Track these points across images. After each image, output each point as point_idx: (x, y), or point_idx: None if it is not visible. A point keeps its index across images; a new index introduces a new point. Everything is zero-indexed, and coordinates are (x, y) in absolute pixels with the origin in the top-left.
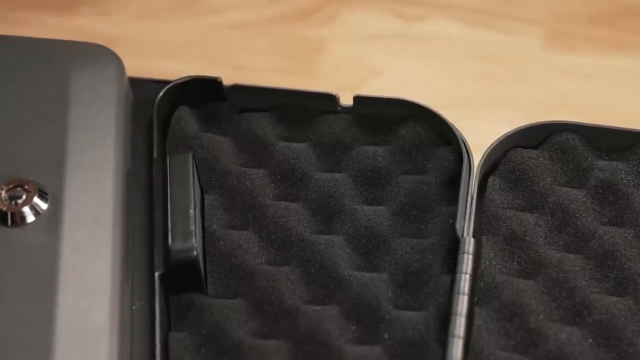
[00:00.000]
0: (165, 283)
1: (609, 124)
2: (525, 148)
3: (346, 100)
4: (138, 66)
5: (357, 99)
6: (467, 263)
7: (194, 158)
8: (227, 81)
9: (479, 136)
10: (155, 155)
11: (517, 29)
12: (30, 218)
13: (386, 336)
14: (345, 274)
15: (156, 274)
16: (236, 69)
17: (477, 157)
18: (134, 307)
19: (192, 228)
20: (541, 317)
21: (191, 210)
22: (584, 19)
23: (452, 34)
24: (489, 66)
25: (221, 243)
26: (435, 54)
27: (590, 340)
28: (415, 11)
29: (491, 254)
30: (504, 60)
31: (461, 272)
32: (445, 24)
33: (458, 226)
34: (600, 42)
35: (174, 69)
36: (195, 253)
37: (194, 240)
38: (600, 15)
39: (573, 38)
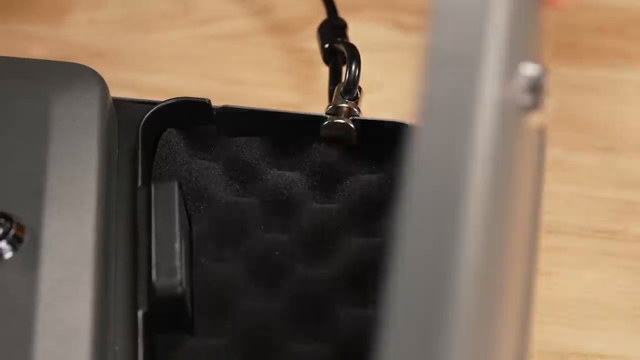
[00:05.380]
0: (149, 322)
1: (618, 138)
2: None
3: None
4: (126, 79)
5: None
6: None
7: (180, 186)
8: (218, 97)
9: None
10: (139, 183)
11: None
12: (7, 254)
13: None
14: (341, 312)
15: (139, 313)
16: (228, 83)
17: None
18: (116, 348)
19: (178, 264)
20: None
21: (176, 244)
22: (591, 27)
23: None
24: None
25: (209, 278)
26: None
27: None
28: (416, 20)
29: None
30: None
31: None
32: None
33: None
34: (608, 53)
35: (164, 82)
36: (181, 290)
37: (179, 276)
38: (608, 24)
39: (579, 48)
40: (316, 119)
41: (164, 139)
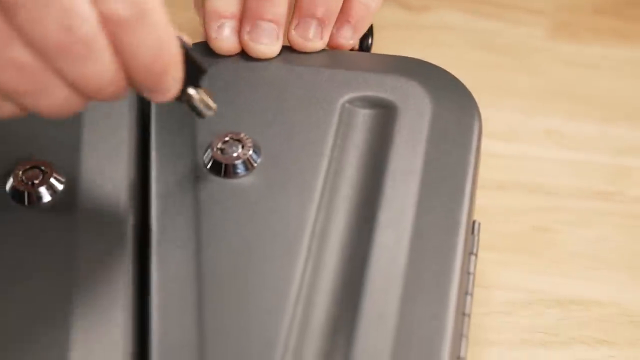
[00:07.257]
0: None
1: (614, 109)
2: None
3: None
4: None
5: None
6: None
7: None
8: None
9: (484, 126)
10: None
11: (522, 19)
12: (46, 198)
13: None
14: None
15: None
16: None
17: None
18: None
19: None
20: None
21: None
22: (589, 8)
23: (457, 24)
24: (493, 56)
25: None
26: (440, 44)
27: None
28: (420, 1)
29: None
30: (509, 50)
31: None
32: (449, 14)
33: None
34: (605, 32)
35: None
36: None
37: None
38: (605, 5)
39: (578, 28)
40: None
41: None
